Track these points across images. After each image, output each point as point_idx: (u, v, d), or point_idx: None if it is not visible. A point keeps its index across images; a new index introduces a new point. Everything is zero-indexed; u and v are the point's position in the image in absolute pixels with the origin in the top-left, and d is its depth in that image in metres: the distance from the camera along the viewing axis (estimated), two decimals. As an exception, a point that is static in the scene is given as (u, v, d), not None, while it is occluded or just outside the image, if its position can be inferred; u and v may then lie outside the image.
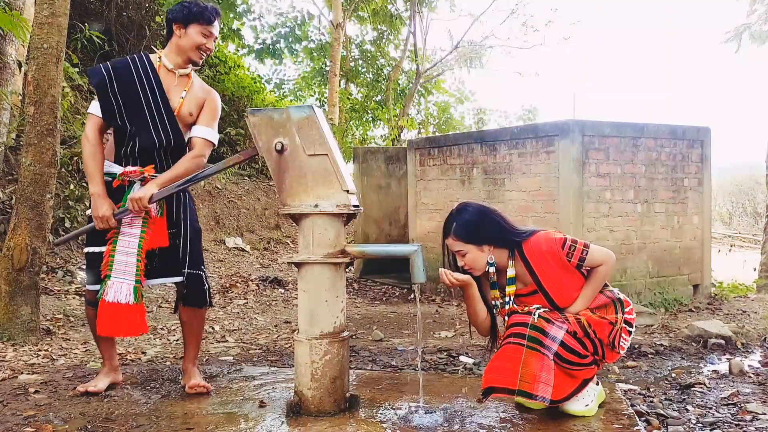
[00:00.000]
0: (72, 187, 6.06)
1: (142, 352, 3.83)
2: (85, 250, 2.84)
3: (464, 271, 2.61)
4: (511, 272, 2.56)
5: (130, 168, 2.75)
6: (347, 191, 2.51)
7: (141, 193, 2.65)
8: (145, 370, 3.30)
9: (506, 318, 2.57)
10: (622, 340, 2.55)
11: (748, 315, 5.40)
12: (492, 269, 2.57)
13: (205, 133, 2.82)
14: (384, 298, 6.35)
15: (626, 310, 2.58)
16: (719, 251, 8.83)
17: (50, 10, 3.85)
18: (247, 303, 5.69)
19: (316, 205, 2.50)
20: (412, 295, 6.45)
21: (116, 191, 2.75)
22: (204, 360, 3.66)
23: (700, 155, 5.97)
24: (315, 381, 2.51)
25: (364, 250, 2.56)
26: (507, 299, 2.56)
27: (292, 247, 9.15)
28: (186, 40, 2.79)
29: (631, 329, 2.59)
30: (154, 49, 2.96)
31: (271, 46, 14.12)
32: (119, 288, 2.65)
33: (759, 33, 11.55)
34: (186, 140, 2.85)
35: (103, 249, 2.73)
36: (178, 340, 4.26)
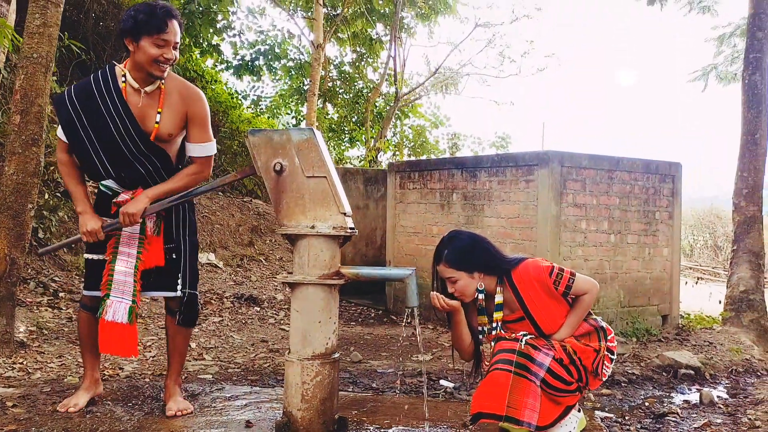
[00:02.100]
0: (47, 196, 5.96)
1: (120, 368, 3.78)
2: (85, 256, 2.82)
3: (454, 298, 2.67)
4: (499, 298, 2.63)
5: (122, 198, 2.69)
6: (344, 213, 2.55)
7: (133, 208, 2.61)
8: (124, 387, 3.26)
9: (493, 344, 2.62)
10: (604, 367, 2.63)
11: (715, 346, 5.56)
12: (481, 296, 2.63)
13: (201, 150, 2.73)
14: (360, 320, 6.36)
15: (608, 338, 2.67)
16: (686, 283, 9.07)
17: (42, 20, 3.84)
18: (222, 321, 5.64)
19: (313, 227, 2.53)
20: (389, 318, 6.47)
21: (113, 216, 2.72)
22: (183, 378, 3.62)
23: (672, 190, 6.16)
24: (305, 402, 2.52)
25: (359, 272, 2.59)
26: (495, 325, 2.62)
27: (266, 265, 9.09)
28: (140, 54, 2.53)
29: (612, 357, 2.67)
30: (117, 63, 2.70)
31: (249, 63, 14.14)
32: (117, 307, 2.64)
33: (725, 74, 12.02)
34: (174, 154, 2.77)
35: (101, 257, 2.70)
36: (154, 356, 4.22)
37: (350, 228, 2.57)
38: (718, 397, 4.05)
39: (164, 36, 2.51)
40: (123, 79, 2.61)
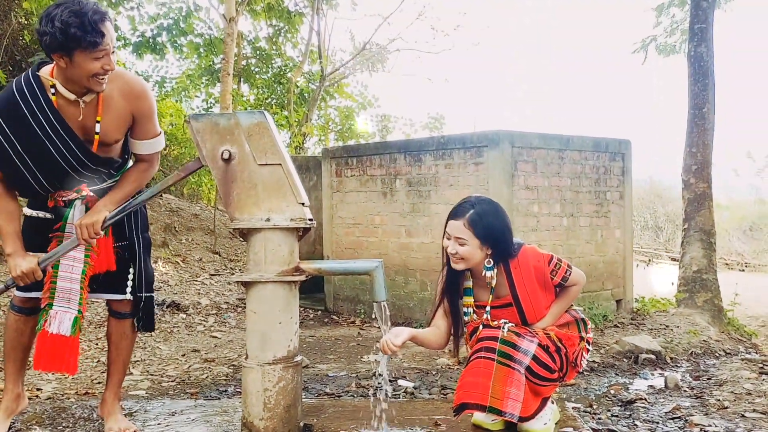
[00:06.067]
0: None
1: (38, 389, 3.66)
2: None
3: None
4: (493, 281, 2.70)
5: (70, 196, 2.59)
6: (302, 204, 2.57)
7: (93, 218, 2.50)
8: (49, 409, 3.15)
9: (481, 328, 2.71)
10: (582, 358, 2.79)
11: (671, 329, 5.92)
12: (490, 273, 2.68)
13: (150, 147, 2.67)
14: (299, 321, 6.37)
15: (587, 328, 2.83)
16: (637, 266, 9.57)
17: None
18: (144, 330, 5.52)
19: (268, 219, 2.54)
20: (330, 318, 6.52)
21: (51, 210, 2.62)
22: (114, 395, 3.54)
23: (622, 168, 6.48)
24: (268, 410, 2.53)
25: (320, 266, 2.62)
26: (487, 309, 2.72)
27: (184, 267, 8.92)
28: (75, 71, 2.34)
29: (589, 348, 2.84)
30: (39, 71, 2.47)
31: (151, 40, 13.73)
32: (62, 318, 2.55)
33: (664, 46, 12.67)
34: (119, 152, 2.69)
35: (42, 255, 2.59)
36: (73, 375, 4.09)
37: (309, 219, 2.60)
38: (682, 380, 4.33)
39: (102, 47, 2.31)
40: (53, 90, 2.44)
